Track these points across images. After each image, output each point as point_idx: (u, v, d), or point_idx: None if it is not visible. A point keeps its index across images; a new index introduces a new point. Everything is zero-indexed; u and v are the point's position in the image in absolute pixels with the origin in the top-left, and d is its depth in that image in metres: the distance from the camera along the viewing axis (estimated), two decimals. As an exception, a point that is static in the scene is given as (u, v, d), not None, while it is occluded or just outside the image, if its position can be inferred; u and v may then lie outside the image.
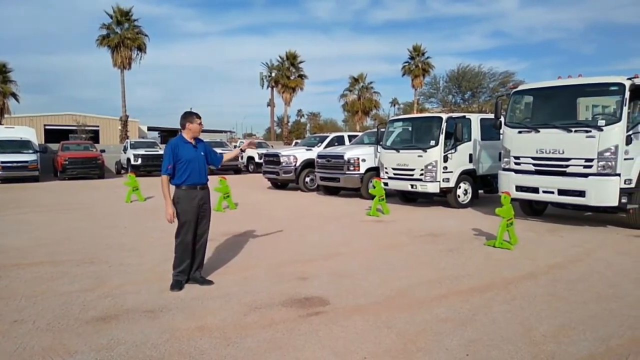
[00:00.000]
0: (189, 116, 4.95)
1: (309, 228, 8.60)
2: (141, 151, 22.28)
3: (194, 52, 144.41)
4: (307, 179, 15.03)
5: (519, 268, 5.67)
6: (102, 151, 22.73)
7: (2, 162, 18.27)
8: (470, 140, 11.08)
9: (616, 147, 7.61)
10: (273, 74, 44.06)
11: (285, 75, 43.27)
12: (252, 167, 25.35)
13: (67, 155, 20.60)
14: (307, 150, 15.42)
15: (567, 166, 8.12)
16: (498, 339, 3.58)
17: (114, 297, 4.63)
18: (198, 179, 4.93)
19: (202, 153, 5.02)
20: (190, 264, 5.01)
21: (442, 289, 4.88)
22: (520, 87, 9.62)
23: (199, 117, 4.99)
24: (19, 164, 18.51)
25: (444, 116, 10.94)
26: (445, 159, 10.60)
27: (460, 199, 10.98)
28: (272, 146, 27.40)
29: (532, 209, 9.70)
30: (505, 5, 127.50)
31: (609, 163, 7.66)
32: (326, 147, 15.20)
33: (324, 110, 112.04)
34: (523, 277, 5.30)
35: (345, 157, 12.82)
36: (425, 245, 7.03)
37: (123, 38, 32.50)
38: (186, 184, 4.86)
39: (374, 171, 12.50)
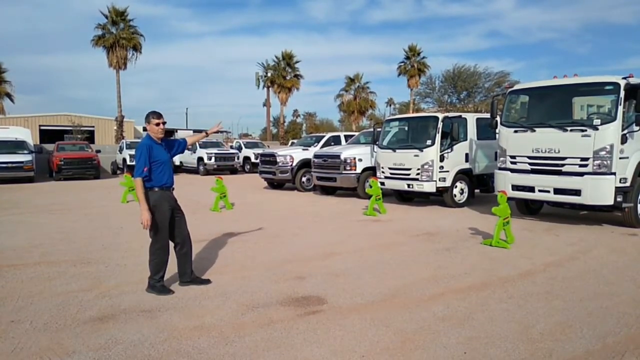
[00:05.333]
0: (147, 117, 4.73)
1: (305, 228, 8.60)
2: (137, 151, 22.16)
3: (189, 52, 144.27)
4: (304, 179, 15.03)
5: (516, 266, 5.70)
6: (98, 151, 22.63)
7: None
8: (466, 139, 11.12)
9: (611, 146, 7.65)
10: (269, 74, 43.94)
11: (281, 75, 43.15)
12: (248, 167, 25.34)
13: (62, 156, 20.52)
14: (303, 150, 15.44)
15: (562, 165, 8.16)
16: (496, 337, 3.60)
17: (111, 297, 4.62)
18: (171, 180, 4.82)
19: (169, 153, 4.87)
20: (181, 272, 4.94)
21: (439, 287, 4.90)
22: (516, 87, 9.65)
23: (158, 117, 4.71)
24: (14, 165, 18.41)
25: (440, 116, 10.97)
26: (442, 159, 10.63)
27: (456, 198, 11.00)
28: (268, 146, 27.41)
29: (528, 208, 9.75)
30: (501, 5, 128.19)
31: (605, 162, 7.70)
32: (322, 147, 15.22)
33: (320, 110, 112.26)
34: (520, 275, 5.32)
35: (342, 157, 12.83)
36: (422, 244, 7.04)
37: (118, 38, 32.35)
38: (160, 186, 4.68)
39: (371, 171, 12.52)
